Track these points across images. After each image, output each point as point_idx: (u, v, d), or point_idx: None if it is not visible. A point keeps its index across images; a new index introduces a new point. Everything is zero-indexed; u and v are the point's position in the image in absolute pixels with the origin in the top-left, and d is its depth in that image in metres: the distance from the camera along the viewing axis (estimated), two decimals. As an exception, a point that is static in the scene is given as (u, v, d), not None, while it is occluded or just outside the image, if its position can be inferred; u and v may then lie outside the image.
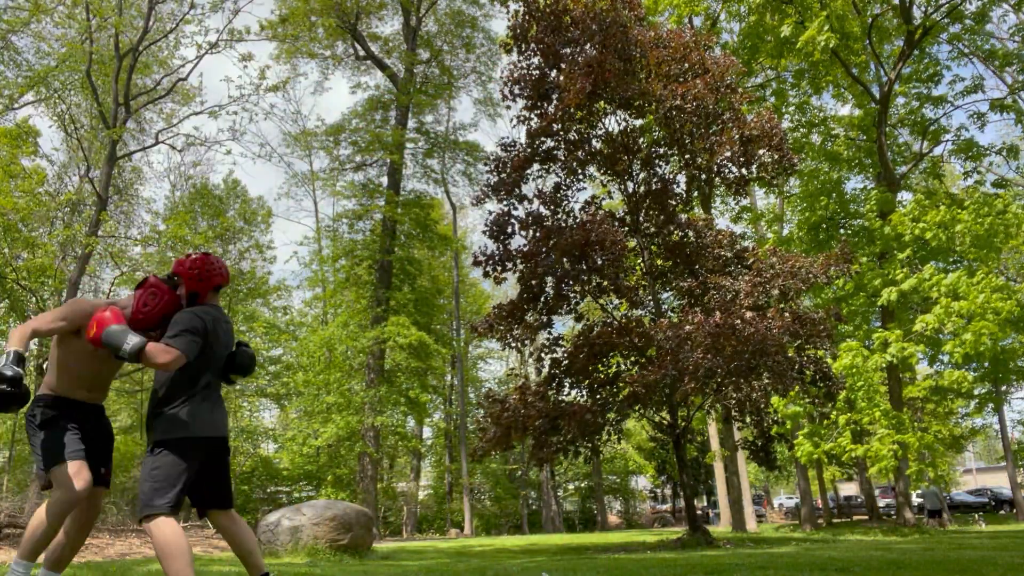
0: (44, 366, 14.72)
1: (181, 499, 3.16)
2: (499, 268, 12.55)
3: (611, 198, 15.82)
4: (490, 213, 12.91)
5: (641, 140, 13.29)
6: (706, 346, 10.20)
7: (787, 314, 11.03)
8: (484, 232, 12.86)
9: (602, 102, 12.46)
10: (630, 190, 13.22)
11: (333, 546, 8.79)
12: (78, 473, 3.26)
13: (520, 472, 34.40)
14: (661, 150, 13.28)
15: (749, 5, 18.85)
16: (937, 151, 20.51)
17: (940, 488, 20.25)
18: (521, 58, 12.98)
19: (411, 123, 27.81)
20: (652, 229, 13.18)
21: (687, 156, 12.95)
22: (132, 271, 14.20)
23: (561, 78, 12.26)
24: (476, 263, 12.73)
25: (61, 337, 3.48)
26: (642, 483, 44.08)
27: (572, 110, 12.12)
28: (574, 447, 12.03)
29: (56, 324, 3.37)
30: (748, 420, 12.89)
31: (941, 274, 16.11)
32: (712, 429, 23.74)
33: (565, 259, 11.62)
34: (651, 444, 35.28)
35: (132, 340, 3.06)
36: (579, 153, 12.89)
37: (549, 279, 12.17)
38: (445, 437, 34.17)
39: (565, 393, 12.88)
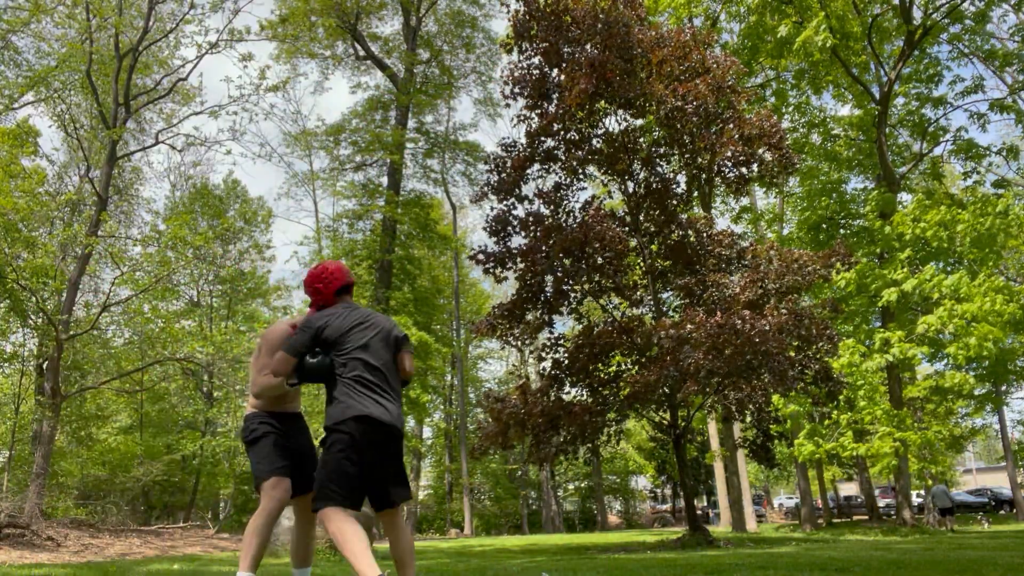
0: (45, 367, 14.73)
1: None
2: (499, 266, 12.55)
3: (611, 198, 15.82)
4: (491, 209, 12.91)
5: (641, 140, 13.29)
6: (707, 346, 10.20)
7: (783, 311, 11.02)
8: (485, 229, 12.87)
9: (603, 102, 12.46)
10: (630, 190, 13.23)
11: (333, 546, 8.78)
12: (276, 486, 3.50)
13: (520, 472, 34.41)
14: (662, 150, 13.28)
15: (749, 5, 18.86)
16: (937, 151, 20.52)
17: (947, 487, 20.37)
18: (522, 58, 12.98)
19: (411, 123, 27.81)
20: (652, 228, 13.19)
21: (687, 156, 12.95)
22: (132, 271, 14.18)
23: (562, 77, 12.27)
24: (476, 260, 12.71)
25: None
26: (642, 483, 44.08)
27: (573, 110, 12.12)
28: (574, 447, 12.03)
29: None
30: (748, 419, 12.90)
31: (942, 275, 16.11)
32: (712, 429, 23.74)
33: (564, 256, 11.62)
34: (651, 444, 35.33)
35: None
36: (579, 153, 12.89)
37: (549, 277, 12.17)
38: (445, 437, 34.20)
39: (566, 392, 12.89)
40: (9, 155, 12.76)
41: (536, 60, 12.87)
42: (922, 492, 23.22)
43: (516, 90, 12.92)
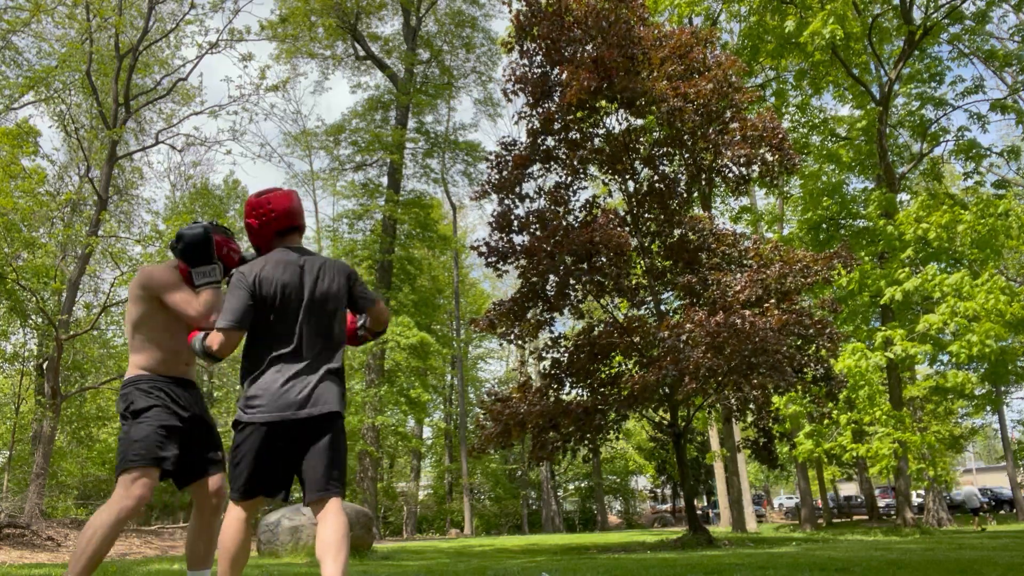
0: (44, 367, 14.73)
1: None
2: (501, 260, 12.54)
3: (611, 197, 15.83)
4: (496, 206, 12.92)
5: (642, 139, 13.30)
6: (707, 345, 10.20)
7: (784, 311, 11.02)
8: (489, 224, 12.86)
9: (603, 100, 12.46)
10: (631, 189, 13.23)
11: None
12: (139, 481, 2.89)
13: (520, 472, 34.40)
14: (663, 149, 13.28)
15: (750, 5, 18.86)
16: (937, 152, 20.54)
17: (975, 488, 20.77)
18: (523, 57, 12.99)
19: (411, 123, 27.81)
20: (653, 228, 13.19)
21: (688, 155, 12.95)
22: (132, 271, 14.19)
23: (564, 75, 12.27)
24: (478, 252, 12.68)
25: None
26: (642, 483, 44.09)
27: (574, 107, 12.12)
28: (573, 446, 12.03)
29: None
30: (749, 419, 12.90)
31: (943, 274, 16.12)
32: (712, 429, 23.75)
33: (568, 257, 11.62)
34: (651, 444, 35.31)
35: None
36: (581, 152, 12.89)
37: (551, 276, 12.16)
38: (445, 437, 34.20)
39: (566, 392, 12.89)
40: (9, 155, 12.76)
41: (538, 59, 12.89)
42: (922, 492, 23.23)
43: (517, 88, 12.94)
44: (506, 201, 12.88)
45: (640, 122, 13.36)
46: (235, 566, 2.63)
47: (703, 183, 13.65)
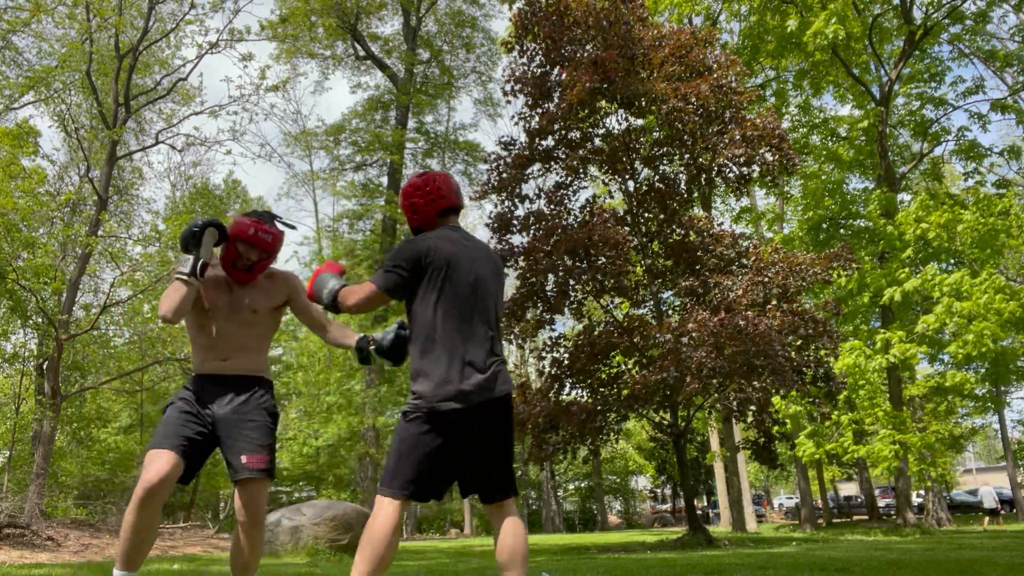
0: (45, 367, 14.72)
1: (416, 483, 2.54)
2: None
3: (611, 198, 15.83)
4: (495, 206, 12.92)
5: (642, 139, 13.30)
6: (709, 346, 10.20)
7: (786, 312, 11.02)
8: (487, 227, 12.87)
9: (604, 100, 12.46)
10: (631, 189, 13.22)
11: (333, 546, 8.79)
12: (151, 462, 2.76)
13: (520, 472, 34.40)
14: (663, 149, 13.28)
15: (750, 5, 18.86)
16: (937, 151, 20.53)
17: (993, 488, 20.83)
18: (523, 56, 12.99)
19: (411, 123, 27.83)
20: (653, 228, 13.19)
21: (688, 156, 12.95)
22: (132, 271, 14.19)
23: (564, 76, 12.27)
24: None
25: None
26: (642, 483, 44.08)
27: (575, 107, 12.12)
28: (573, 446, 12.03)
29: None
30: (750, 419, 12.90)
31: (943, 274, 16.12)
32: (712, 429, 23.74)
33: (567, 257, 11.62)
34: (651, 444, 35.29)
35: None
36: (581, 152, 12.89)
37: (551, 276, 12.16)
38: (445, 437, 34.10)
39: (566, 393, 12.88)
40: (9, 155, 12.75)
41: (538, 59, 12.89)
42: (922, 492, 23.23)
43: (517, 88, 12.94)
44: (506, 203, 12.88)
45: (640, 122, 13.37)
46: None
47: (703, 183, 13.65)
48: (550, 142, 13.03)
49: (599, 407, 11.69)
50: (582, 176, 13.39)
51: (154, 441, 2.73)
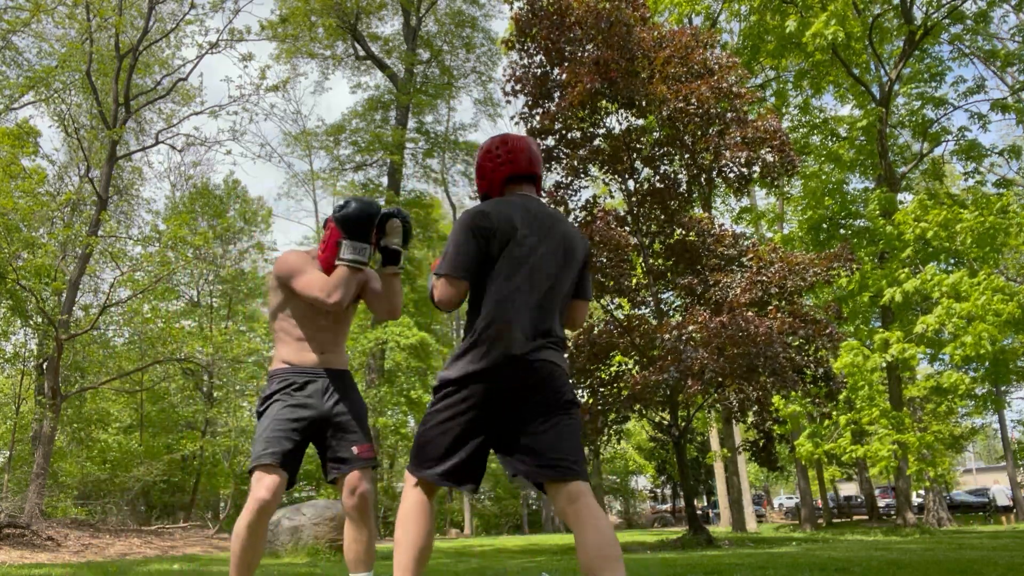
0: (44, 367, 14.73)
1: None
2: None
3: (612, 197, 15.83)
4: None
5: (643, 139, 13.30)
6: (710, 347, 10.20)
7: (785, 313, 11.02)
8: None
9: (604, 101, 12.46)
10: (631, 188, 13.22)
11: (333, 546, 8.79)
12: (260, 480, 2.68)
13: (520, 472, 34.39)
14: (663, 149, 13.29)
15: (750, 5, 18.86)
16: (938, 152, 20.53)
17: (1007, 486, 20.84)
18: (523, 56, 12.99)
19: (411, 123, 27.81)
20: (654, 228, 13.19)
21: (688, 156, 12.95)
22: (132, 271, 14.19)
23: (564, 76, 12.27)
24: None
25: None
26: (642, 483, 44.08)
27: (576, 107, 12.12)
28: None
29: None
30: (750, 419, 12.90)
31: (943, 274, 16.12)
32: (712, 429, 23.74)
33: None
34: (651, 444, 35.33)
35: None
36: (581, 152, 12.89)
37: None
38: (445, 437, 34.10)
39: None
40: (9, 155, 12.76)
41: (538, 59, 12.88)
42: (922, 492, 23.25)
43: (517, 88, 12.93)
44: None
45: (640, 122, 13.37)
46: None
47: (703, 183, 13.66)
48: (550, 142, 13.03)
49: (599, 407, 11.68)
50: (582, 176, 13.38)
51: (262, 451, 2.66)
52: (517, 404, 2.26)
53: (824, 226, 19.52)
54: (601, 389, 12.29)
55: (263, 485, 2.60)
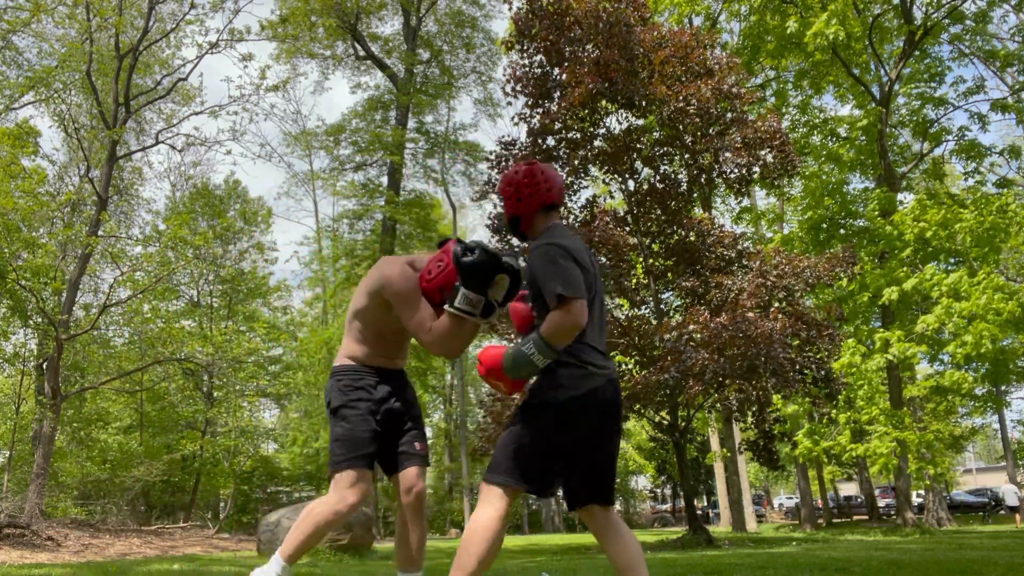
0: (44, 367, 14.73)
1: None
2: None
3: (612, 198, 15.83)
4: (493, 207, 12.92)
5: (643, 139, 13.30)
6: (711, 347, 10.19)
7: (786, 314, 11.02)
8: (487, 226, 12.88)
9: (605, 101, 12.46)
10: (631, 188, 13.22)
11: (333, 546, 8.79)
12: (354, 482, 2.76)
13: (520, 472, 34.38)
14: (663, 149, 13.29)
15: (750, 5, 18.86)
16: (938, 151, 20.54)
17: (1017, 486, 20.89)
18: (523, 56, 12.99)
19: (411, 123, 27.81)
20: (654, 228, 13.19)
21: (688, 156, 12.95)
22: (132, 271, 14.18)
23: (564, 76, 12.27)
24: None
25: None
26: (642, 483, 44.07)
27: (576, 108, 12.12)
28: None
29: None
30: (750, 419, 12.90)
31: (942, 274, 16.12)
32: (712, 430, 23.74)
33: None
34: (651, 444, 35.34)
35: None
36: (581, 152, 12.89)
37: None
38: (445, 437, 34.19)
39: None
40: (9, 155, 12.76)
41: (538, 59, 12.88)
42: (922, 492, 23.24)
43: (517, 88, 12.93)
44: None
45: (640, 122, 13.38)
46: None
47: (703, 183, 13.66)
48: (551, 142, 13.03)
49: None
50: (582, 176, 13.38)
51: (352, 453, 2.69)
52: (603, 424, 2.46)
53: (824, 226, 19.52)
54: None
55: (356, 489, 2.67)
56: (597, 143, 13.09)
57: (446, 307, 2.63)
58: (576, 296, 2.32)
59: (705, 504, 41.00)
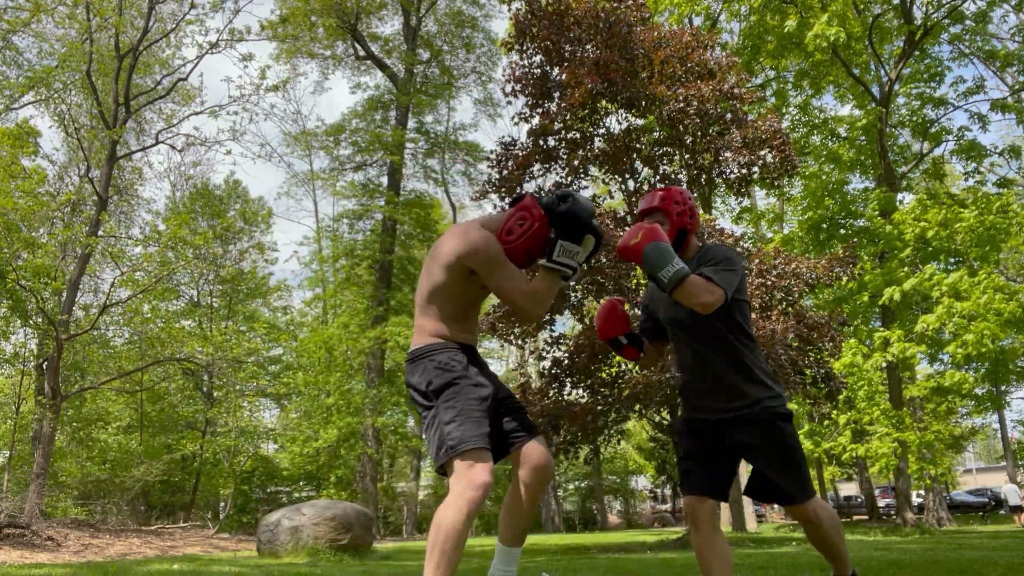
0: (44, 367, 14.73)
1: None
2: None
3: (612, 198, 15.83)
4: (494, 208, 12.92)
5: (643, 139, 13.29)
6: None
7: (788, 316, 11.02)
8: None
9: (604, 101, 12.46)
10: (631, 188, 13.22)
11: (333, 546, 8.79)
12: (481, 465, 2.50)
13: (520, 472, 34.37)
14: (663, 149, 13.28)
15: (750, 5, 18.85)
16: (938, 151, 20.53)
17: (1019, 486, 20.96)
18: (523, 56, 12.98)
19: (411, 123, 27.83)
20: (653, 229, 13.16)
21: (688, 156, 12.95)
22: (132, 271, 14.19)
23: (564, 76, 12.27)
24: None
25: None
26: (642, 483, 44.06)
27: (576, 108, 12.11)
28: (575, 447, 12.03)
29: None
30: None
31: (942, 273, 16.12)
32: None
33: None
34: (651, 444, 35.34)
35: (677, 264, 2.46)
36: (581, 152, 12.88)
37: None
38: (445, 437, 34.12)
39: (566, 392, 12.87)
40: (9, 155, 12.77)
41: (537, 59, 12.87)
42: (922, 492, 23.25)
43: (517, 89, 12.93)
44: (506, 200, 12.87)
45: (640, 122, 13.37)
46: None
47: (703, 184, 13.65)
48: (551, 142, 13.03)
49: (600, 407, 11.68)
50: (582, 176, 13.38)
51: (470, 432, 2.41)
52: None
53: (824, 226, 19.52)
54: (602, 389, 12.28)
55: (484, 468, 2.38)
56: (597, 143, 13.08)
57: (543, 262, 2.51)
58: (725, 291, 2.54)
59: (705, 504, 40.92)
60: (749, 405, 2.65)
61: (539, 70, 12.91)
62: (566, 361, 12.42)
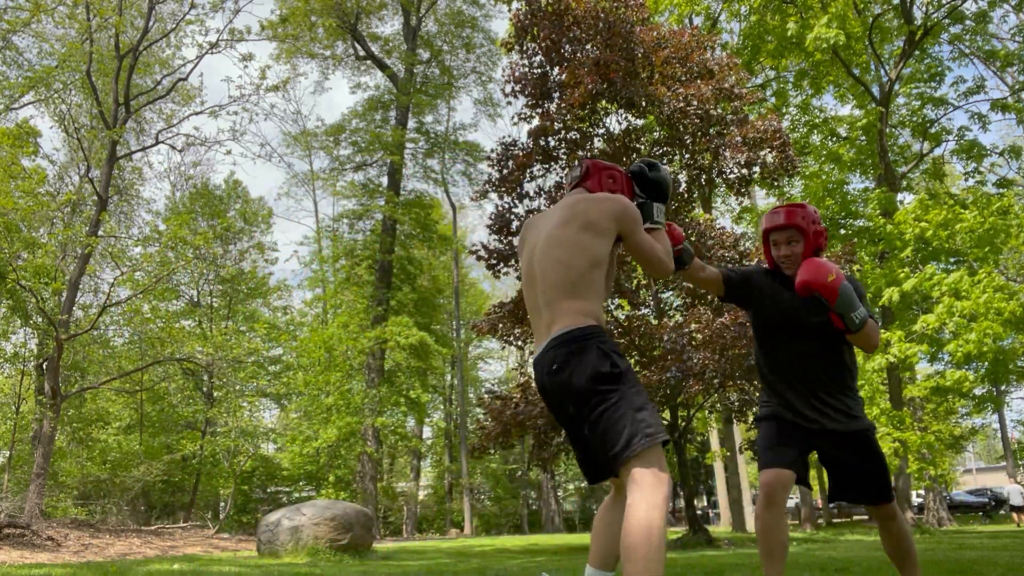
0: (44, 367, 14.73)
1: None
2: (501, 262, 12.55)
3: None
4: (495, 208, 12.91)
5: (643, 139, 13.29)
6: (714, 347, 10.19)
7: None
8: (488, 227, 12.86)
9: (604, 101, 12.46)
10: (630, 190, 13.21)
11: (333, 546, 8.79)
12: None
13: (520, 472, 34.41)
14: (662, 149, 13.28)
15: (750, 5, 18.85)
16: (938, 151, 20.54)
17: (1021, 486, 21.00)
18: (523, 56, 12.99)
19: (411, 123, 27.83)
20: (653, 229, 13.16)
21: (688, 156, 12.95)
22: (132, 271, 14.19)
23: (563, 76, 12.27)
24: (477, 256, 12.69)
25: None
26: (642, 483, 44.01)
27: (576, 108, 12.11)
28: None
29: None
30: (751, 419, 12.90)
31: (942, 274, 16.12)
32: (712, 429, 23.74)
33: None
34: (651, 444, 35.28)
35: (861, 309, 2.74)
36: (581, 152, 12.88)
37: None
38: (445, 437, 34.19)
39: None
40: (9, 155, 12.77)
41: (537, 59, 12.87)
42: (922, 492, 23.25)
43: (517, 89, 12.93)
44: (505, 199, 12.87)
45: (640, 122, 13.36)
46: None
47: (703, 184, 13.65)
48: (551, 142, 13.03)
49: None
50: (583, 176, 13.36)
51: (659, 419, 2.23)
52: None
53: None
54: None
55: (664, 463, 2.17)
56: (597, 143, 13.07)
57: (647, 224, 2.53)
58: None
59: (705, 504, 41.00)
60: (847, 421, 2.87)
61: (539, 70, 12.91)
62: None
